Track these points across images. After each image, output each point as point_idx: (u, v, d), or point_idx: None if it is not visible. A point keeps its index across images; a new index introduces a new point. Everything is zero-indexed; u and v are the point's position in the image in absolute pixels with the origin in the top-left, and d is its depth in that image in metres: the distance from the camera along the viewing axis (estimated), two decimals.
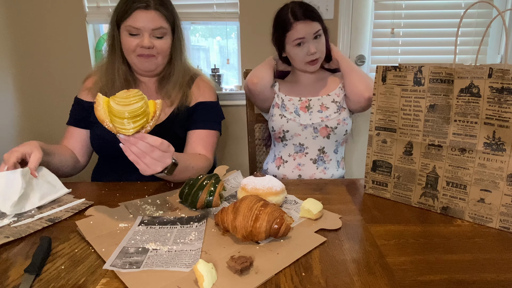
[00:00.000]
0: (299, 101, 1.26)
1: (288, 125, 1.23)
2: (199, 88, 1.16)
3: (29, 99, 2.01)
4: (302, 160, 1.25)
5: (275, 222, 0.65)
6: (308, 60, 1.19)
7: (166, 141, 0.77)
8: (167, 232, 0.71)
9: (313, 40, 1.17)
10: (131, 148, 0.74)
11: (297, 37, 1.16)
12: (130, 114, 0.70)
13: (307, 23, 1.15)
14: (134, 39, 1.03)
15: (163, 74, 1.14)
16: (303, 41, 1.17)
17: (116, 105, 0.70)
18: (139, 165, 0.76)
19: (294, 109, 1.24)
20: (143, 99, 0.72)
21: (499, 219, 0.73)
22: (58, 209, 0.82)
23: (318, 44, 1.18)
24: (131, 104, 0.70)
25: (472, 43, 1.86)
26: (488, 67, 0.70)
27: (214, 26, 2.16)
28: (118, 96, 0.71)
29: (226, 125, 2.07)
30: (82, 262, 0.61)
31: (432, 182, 0.82)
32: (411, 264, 0.60)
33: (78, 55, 1.93)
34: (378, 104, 0.87)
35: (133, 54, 1.05)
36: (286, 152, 1.27)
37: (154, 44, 1.04)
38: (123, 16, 1.02)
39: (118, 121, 0.70)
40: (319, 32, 1.17)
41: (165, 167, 0.78)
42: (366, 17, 1.86)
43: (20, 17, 1.90)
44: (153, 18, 1.02)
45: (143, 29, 1.02)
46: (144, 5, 1.01)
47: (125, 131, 0.71)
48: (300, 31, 1.15)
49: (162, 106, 0.76)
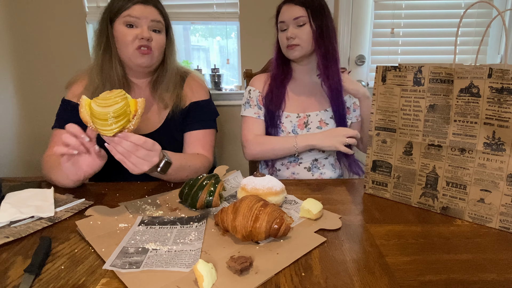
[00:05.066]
0: (297, 117, 1.20)
1: None
2: (191, 88, 1.15)
3: (29, 99, 2.01)
4: (296, 169, 1.23)
5: (275, 222, 0.65)
6: (286, 44, 1.14)
7: (151, 140, 0.77)
8: (167, 232, 0.71)
9: (295, 26, 1.12)
10: (116, 148, 0.75)
11: (280, 20, 1.14)
12: (110, 115, 0.71)
13: (290, 6, 1.11)
14: (132, 30, 1.00)
15: (156, 76, 1.12)
16: (285, 25, 1.13)
17: (97, 107, 0.72)
18: (126, 165, 0.77)
19: (291, 128, 1.20)
20: (125, 100, 0.73)
21: (499, 219, 0.73)
22: (58, 209, 0.82)
23: (298, 31, 1.12)
24: (112, 105, 0.71)
25: (472, 43, 1.86)
26: (488, 67, 0.70)
27: (214, 26, 2.16)
28: (99, 97, 0.72)
29: (226, 125, 2.07)
30: (82, 262, 0.61)
31: (432, 182, 0.82)
32: (411, 264, 0.60)
33: (78, 55, 1.93)
34: (378, 104, 0.87)
35: (131, 47, 1.01)
36: (279, 161, 1.24)
37: (152, 37, 1.02)
38: (120, 10, 1.00)
39: (99, 122, 0.72)
40: (302, 19, 1.11)
41: (152, 166, 0.79)
42: (366, 17, 1.86)
43: (20, 17, 1.90)
44: (152, 12, 1.02)
45: (142, 19, 1.00)
46: (143, 0, 1.01)
47: (106, 132, 0.73)
48: (282, 14, 1.13)
49: (144, 103, 0.76)
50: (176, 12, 1.93)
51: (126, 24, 1.01)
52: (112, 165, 0.84)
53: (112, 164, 0.85)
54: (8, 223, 0.75)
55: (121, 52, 1.04)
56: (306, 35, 1.12)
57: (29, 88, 2.00)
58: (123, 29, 1.01)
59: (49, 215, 0.79)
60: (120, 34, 1.01)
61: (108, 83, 1.03)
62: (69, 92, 1.11)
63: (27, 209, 0.78)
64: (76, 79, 1.11)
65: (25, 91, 2.00)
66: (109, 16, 1.03)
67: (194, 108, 1.14)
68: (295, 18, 1.11)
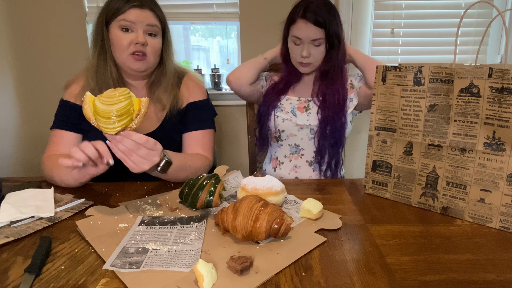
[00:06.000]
0: (298, 101, 1.24)
1: (284, 124, 1.22)
2: (188, 88, 1.14)
3: (29, 99, 2.01)
4: (298, 162, 1.24)
5: (275, 222, 0.65)
6: (300, 61, 1.16)
7: (153, 139, 0.78)
8: (167, 232, 0.71)
9: (311, 45, 1.13)
10: (118, 146, 0.75)
11: (295, 36, 1.13)
12: (113, 113, 0.71)
13: (308, 26, 1.10)
14: (127, 35, 1.00)
15: (153, 78, 1.11)
16: (301, 41, 1.14)
17: (101, 105, 0.72)
18: (127, 163, 0.77)
19: (290, 109, 1.23)
20: (129, 99, 0.73)
21: (499, 219, 0.73)
22: (58, 209, 0.82)
23: (314, 50, 1.13)
24: (115, 103, 0.71)
25: (472, 43, 1.86)
26: (488, 67, 0.70)
27: (214, 26, 2.16)
28: (104, 95, 0.73)
29: (226, 125, 2.07)
30: (82, 262, 0.61)
31: (432, 182, 0.82)
32: (411, 264, 0.60)
33: (78, 55, 1.93)
34: (378, 104, 0.87)
35: (126, 52, 1.01)
36: (282, 153, 1.27)
37: (148, 42, 1.02)
38: (116, 13, 0.99)
39: (102, 120, 0.72)
40: (319, 41, 1.12)
41: (153, 165, 0.79)
42: (366, 17, 1.86)
43: (20, 17, 1.90)
44: (148, 16, 1.01)
45: (137, 24, 1.00)
46: (139, 4, 1.00)
47: (109, 130, 0.73)
48: (300, 31, 1.12)
49: (148, 103, 0.76)
50: (176, 12, 1.93)
51: (121, 28, 1.00)
52: (115, 165, 0.84)
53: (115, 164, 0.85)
54: (8, 223, 0.75)
55: (116, 56, 1.04)
56: (321, 55, 1.16)
57: (29, 88, 2.00)
58: (118, 33, 1.00)
59: (49, 215, 0.79)
60: (115, 38, 1.01)
61: (104, 86, 1.02)
62: (67, 92, 1.10)
63: (27, 209, 0.78)
64: (74, 80, 1.11)
65: (25, 91, 2.00)
66: (105, 18, 1.02)
67: (192, 108, 1.13)
68: (313, 40, 1.12)
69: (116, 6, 1.00)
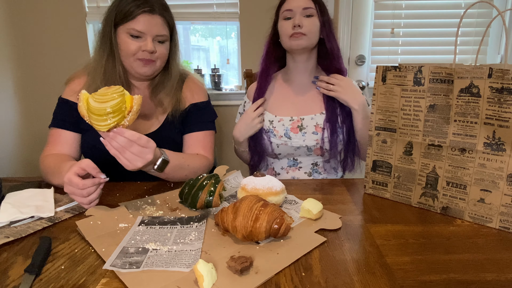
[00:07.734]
0: (290, 120, 1.16)
1: (279, 149, 1.17)
2: (190, 90, 1.14)
3: (29, 99, 2.01)
4: (296, 174, 1.20)
5: (275, 222, 0.65)
6: (291, 32, 1.09)
7: (145, 137, 0.78)
8: (167, 232, 0.71)
9: (303, 16, 1.09)
10: (111, 143, 0.76)
11: (286, 9, 1.10)
12: (106, 111, 0.72)
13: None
14: (135, 42, 0.99)
15: (157, 81, 1.11)
16: (291, 14, 1.09)
17: (94, 102, 0.73)
18: (120, 160, 0.77)
19: (284, 131, 1.15)
20: (121, 96, 0.74)
21: (499, 219, 0.73)
22: (58, 209, 0.82)
23: (306, 21, 1.08)
24: (108, 101, 0.72)
25: (472, 43, 1.86)
26: (488, 67, 0.70)
27: (214, 26, 2.16)
28: (98, 93, 0.74)
29: (226, 125, 2.07)
30: (82, 262, 0.61)
31: (432, 182, 0.82)
32: (411, 264, 0.60)
33: (78, 55, 1.93)
34: (378, 104, 0.87)
35: (133, 58, 1.00)
36: (279, 165, 1.22)
37: (156, 49, 1.01)
38: (126, 17, 0.98)
39: (94, 117, 0.74)
40: (310, 10, 1.08)
41: (147, 163, 0.79)
42: (366, 17, 1.86)
43: (20, 17, 1.90)
44: (157, 24, 1.00)
45: (147, 33, 0.99)
46: (149, 9, 0.98)
47: (101, 127, 0.74)
48: (289, 3, 1.09)
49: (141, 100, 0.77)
50: (176, 12, 1.92)
51: (129, 34, 0.99)
52: (113, 165, 0.84)
53: (113, 164, 0.85)
54: (8, 223, 0.75)
55: (123, 59, 1.03)
56: (314, 27, 1.10)
57: (29, 88, 2.00)
58: (127, 39, 0.99)
59: (49, 215, 0.79)
60: (123, 43, 1.00)
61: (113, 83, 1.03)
62: (66, 90, 1.09)
63: (27, 209, 0.78)
64: (74, 77, 1.10)
65: (25, 91, 2.00)
66: (114, 19, 1.00)
67: (194, 110, 1.13)
68: (305, 8, 1.08)
69: (127, 9, 0.98)
